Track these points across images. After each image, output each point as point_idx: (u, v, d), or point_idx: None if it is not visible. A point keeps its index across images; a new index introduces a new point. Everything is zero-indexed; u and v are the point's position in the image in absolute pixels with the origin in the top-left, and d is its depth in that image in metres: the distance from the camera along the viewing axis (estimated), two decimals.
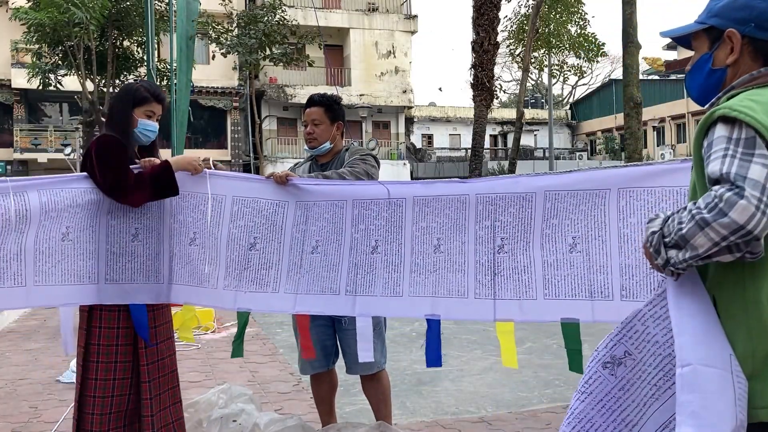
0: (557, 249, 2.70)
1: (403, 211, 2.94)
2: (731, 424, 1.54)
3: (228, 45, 22.93)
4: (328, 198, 3.06)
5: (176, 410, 3.13)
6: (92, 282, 2.96)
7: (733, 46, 1.75)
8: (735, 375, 1.59)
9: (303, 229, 3.07)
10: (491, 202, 2.80)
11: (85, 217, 2.95)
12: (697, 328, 1.65)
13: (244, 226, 3.09)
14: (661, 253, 1.66)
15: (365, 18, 31.13)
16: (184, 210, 3.08)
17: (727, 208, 1.50)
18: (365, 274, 2.99)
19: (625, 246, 2.61)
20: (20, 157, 26.94)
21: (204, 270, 3.11)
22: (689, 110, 35.20)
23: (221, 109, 29.24)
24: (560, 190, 2.69)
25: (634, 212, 2.58)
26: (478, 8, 17.43)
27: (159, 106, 3.09)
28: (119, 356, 2.95)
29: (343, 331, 3.42)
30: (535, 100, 44.05)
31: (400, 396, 4.76)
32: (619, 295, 2.62)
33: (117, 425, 2.96)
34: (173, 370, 3.15)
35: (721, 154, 1.57)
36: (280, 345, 6.64)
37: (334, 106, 3.51)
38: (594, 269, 2.65)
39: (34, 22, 16.08)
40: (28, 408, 4.64)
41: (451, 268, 2.87)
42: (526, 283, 2.76)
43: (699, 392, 1.57)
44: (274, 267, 3.09)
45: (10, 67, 26.48)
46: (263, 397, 4.63)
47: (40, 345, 6.81)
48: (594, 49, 26.88)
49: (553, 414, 4.33)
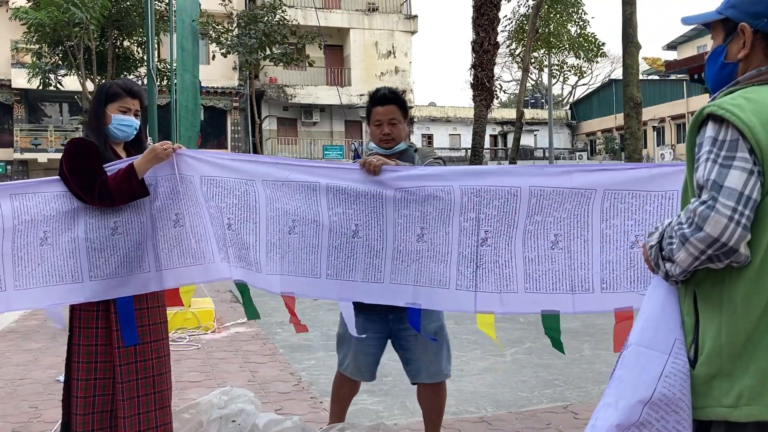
0: (539, 245, 2.72)
1: (383, 198, 2.90)
2: (643, 394, 1.62)
3: (228, 45, 22.94)
4: (300, 179, 2.99)
5: (162, 415, 3.06)
6: (76, 281, 2.95)
7: (745, 41, 1.71)
8: (672, 356, 1.64)
9: (277, 207, 3.02)
10: (476, 194, 2.79)
11: (61, 219, 2.95)
12: (654, 314, 1.72)
13: (216, 207, 3.08)
14: (660, 266, 1.70)
15: (365, 18, 31.12)
16: (161, 195, 3.06)
17: (701, 222, 1.53)
18: (346, 258, 2.95)
19: (606, 245, 2.64)
20: (20, 157, 26.94)
21: (196, 247, 3.11)
22: (689, 110, 35.17)
23: (221, 109, 29.24)
24: (546, 187, 2.69)
25: (617, 214, 2.61)
26: (478, 8, 17.41)
27: (134, 101, 3.05)
28: (99, 356, 2.94)
29: (404, 339, 3.22)
30: (535, 100, 44.03)
31: (400, 396, 4.76)
32: (599, 288, 2.67)
33: (102, 426, 2.95)
34: (161, 373, 3.07)
35: (705, 158, 1.58)
36: (280, 345, 6.64)
37: (405, 101, 3.27)
38: (575, 266, 2.69)
39: (34, 21, 16.09)
40: (28, 408, 4.64)
41: (433, 258, 2.85)
42: (507, 276, 2.77)
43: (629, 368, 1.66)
44: (251, 248, 3.07)
45: (10, 67, 26.49)
46: (263, 397, 4.63)
47: (40, 345, 6.81)
48: (594, 49, 26.88)
49: (553, 414, 4.33)
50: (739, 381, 1.58)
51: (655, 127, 37.36)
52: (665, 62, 20.17)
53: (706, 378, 1.62)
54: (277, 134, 30.62)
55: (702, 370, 1.63)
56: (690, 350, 1.66)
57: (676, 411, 1.62)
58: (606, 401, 1.69)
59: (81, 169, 2.91)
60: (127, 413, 2.92)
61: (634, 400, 1.63)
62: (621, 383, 1.67)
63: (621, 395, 1.65)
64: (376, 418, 4.22)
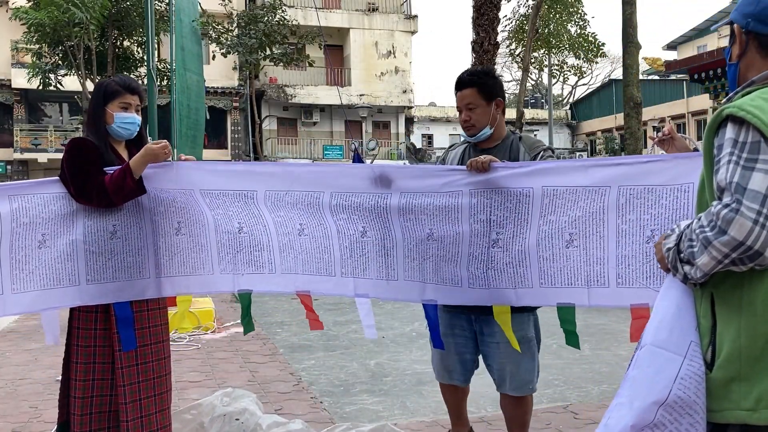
0: (554, 245, 2.71)
1: (388, 209, 2.90)
2: (658, 396, 1.61)
3: (228, 45, 22.89)
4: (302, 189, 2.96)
5: (163, 417, 3.04)
6: (73, 284, 2.92)
7: (740, 42, 1.72)
8: (688, 359, 1.63)
9: (281, 214, 3.01)
10: (486, 195, 2.77)
11: (59, 221, 2.92)
12: (667, 317, 1.70)
13: (224, 214, 3.05)
14: (678, 269, 1.67)
15: (365, 18, 31.11)
16: (164, 201, 3.01)
17: (725, 226, 1.51)
18: (359, 257, 2.96)
19: (622, 240, 2.62)
20: (20, 157, 26.93)
21: (196, 257, 3.07)
22: (689, 110, 35.19)
23: (221, 109, 29.23)
24: (559, 187, 2.67)
25: (633, 209, 2.59)
26: (478, 8, 17.37)
27: (134, 97, 3.00)
28: (98, 357, 2.93)
29: (486, 345, 3.08)
30: (535, 100, 44.01)
31: (400, 396, 4.76)
32: (615, 283, 2.66)
33: (101, 426, 2.94)
34: (161, 375, 3.05)
35: (726, 160, 1.56)
36: (280, 345, 6.64)
37: (489, 82, 3.00)
38: (591, 262, 2.68)
39: (34, 21, 16.06)
40: (28, 408, 4.64)
41: (444, 257, 2.86)
42: (521, 275, 2.77)
43: (642, 369, 1.65)
44: (265, 249, 3.06)
45: (10, 67, 26.48)
46: (263, 397, 4.63)
47: (40, 345, 6.81)
48: (594, 49, 26.86)
49: (553, 414, 4.33)
50: (758, 384, 1.56)
51: (655, 127, 37.29)
52: (665, 62, 20.15)
53: (724, 381, 1.60)
54: (277, 134, 30.61)
55: (720, 373, 1.61)
56: (707, 353, 1.65)
57: (690, 414, 1.61)
58: (619, 401, 1.68)
59: (79, 169, 2.88)
60: (131, 416, 2.91)
61: (649, 401, 1.61)
62: (635, 383, 1.66)
63: (635, 395, 1.64)
64: (376, 418, 4.22)
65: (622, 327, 6.89)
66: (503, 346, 2.98)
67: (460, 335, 3.12)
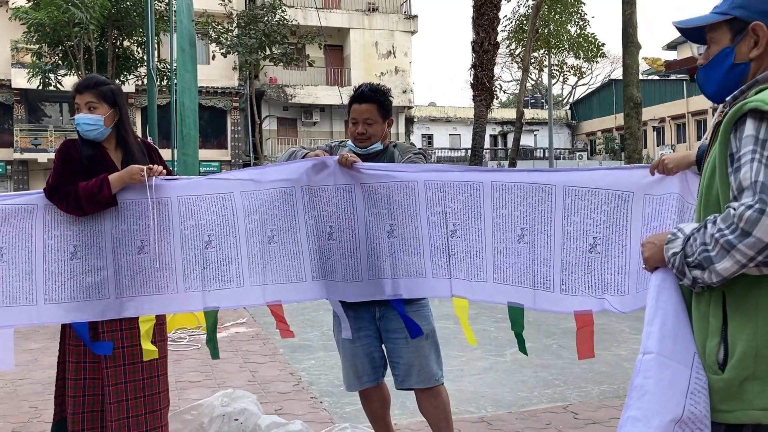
0: (507, 237, 2.80)
1: (353, 197, 2.94)
2: (675, 412, 1.58)
3: (228, 45, 22.95)
4: (276, 186, 2.99)
5: (154, 419, 2.99)
6: (30, 303, 2.89)
7: (758, 40, 1.66)
8: (694, 371, 1.60)
9: (255, 219, 3.01)
10: (440, 189, 2.87)
11: (19, 236, 2.89)
12: (668, 323, 1.67)
13: (195, 226, 3.01)
14: (686, 274, 1.61)
15: (365, 18, 31.12)
16: (128, 219, 2.96)
17: (748, 227, 1.45)
18: (326, 260, 2.99)
19: (567, 243, 2.71)
20: (20, 157, 26.94)
21: (160, 276, 2.99)
22: (689, 110, 35.21)
23: (221, 109, 29.24)
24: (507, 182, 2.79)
25: (577, 211, 2.68)
26: (478, 8, 17.41)
27: (81, 96, 2.94)
28: (88, 356, 2.94)
29: (391, 341, 3.11)
30: (535, 100, 44.03)
31: (401, 396, 4.76)
32: (559, 288, 2.74)
33: (93, 425, 2.94)
34: (153, 376, 3.00)
35: (749, 158, 1.50)
36: (280, 345, 6.64)
37: (386, 102, 3.13)
38: (538, 261, 2.76)
39: (34, 21, 16.09)
40: (28, 408, 4.64)
41: (407, 251, 2.93)
42: (477, 266, 2.86)
43: (653, 379, 1.60)
44: (234, 262, 3.03)
45: (10, 67, 26.48)
46: (263, 398, 4.63)
47: (40, 345, 6.81)
48: (594, 49, 26.87)
49: (553, 414, 4.33)
50: None
51: (655, 127, 37.33)
52: (665, 62, 20.14)
53: (738, 381, 1.57)
54: (277, 134, 30.62)
55: (733, 373, 1.57)
56: (718, 353, 1.61)
57: (700, 429, 1.59)
58: (632, 414, 1.60)
59: (59, 170, 2.90)
60: (115, 416, 2.89)
61: (667, 419, 1.57)
62: (646, 395, 1.60)
63: (652, 412, 1.58)
64: None
65: (622, 327, 6.90)
66: (410, 341, 3.04)
67: (366, 335, 3.14)
